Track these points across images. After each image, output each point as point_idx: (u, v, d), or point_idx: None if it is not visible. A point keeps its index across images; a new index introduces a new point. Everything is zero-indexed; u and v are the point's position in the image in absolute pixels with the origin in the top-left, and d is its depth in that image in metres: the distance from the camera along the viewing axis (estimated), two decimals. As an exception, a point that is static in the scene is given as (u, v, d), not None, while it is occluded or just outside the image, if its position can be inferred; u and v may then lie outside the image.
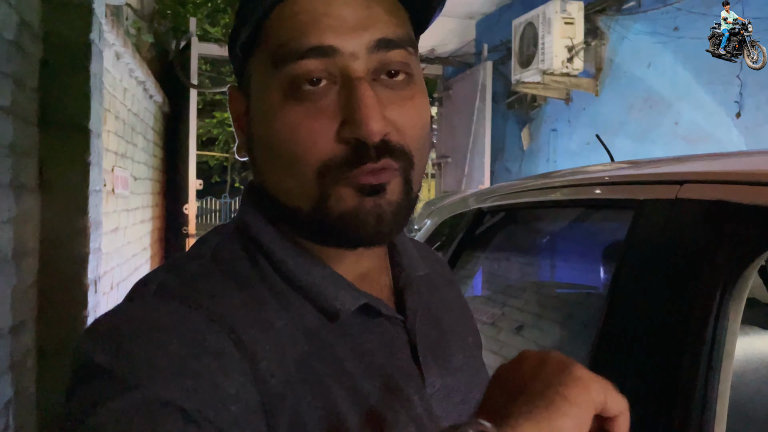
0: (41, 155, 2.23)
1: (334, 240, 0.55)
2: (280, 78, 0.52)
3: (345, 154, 0.51)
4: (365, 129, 0.50)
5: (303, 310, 0.54)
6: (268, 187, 0.57)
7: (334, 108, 0.51)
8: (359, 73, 0.52)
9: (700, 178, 0.92)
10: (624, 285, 0.96)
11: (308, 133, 0.51)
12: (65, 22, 2.26)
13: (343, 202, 0.52)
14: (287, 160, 0.53)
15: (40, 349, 2.27)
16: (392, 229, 0.54)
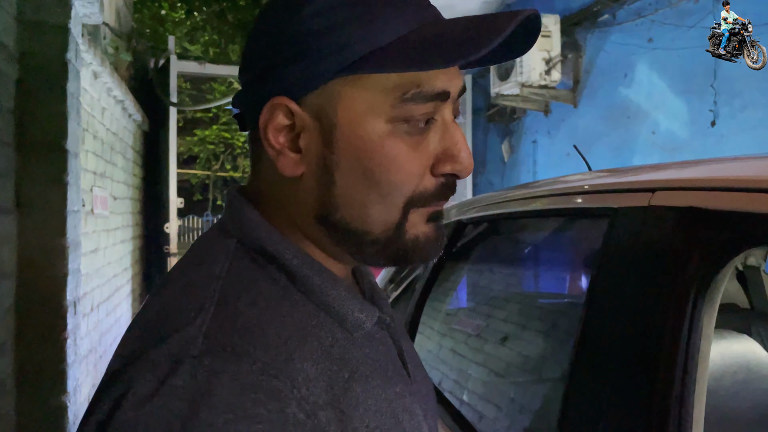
0: (18, 176, 2.21)
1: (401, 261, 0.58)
2: (396, 111, 0.54)
3: (436, 187, 0.57)
4: (468, 167, 0.57)
5: (331, 326, 0.55)
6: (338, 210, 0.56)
7: (431, 145, 0.56)
8: (453, 115, 0.58)
9: (671, 185, 0.94)
10: (600, 292, 0.96)
11: (413, 166, 0.55)
12: (41, 42, 2.25)
13: (415, 228, 0.57)
14: (384, 188, 0.55)
15: (19, 372, 2.23)
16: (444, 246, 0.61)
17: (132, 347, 0.48)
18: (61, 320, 2.28)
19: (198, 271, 0.54)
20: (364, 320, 0.57)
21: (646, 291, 0.87)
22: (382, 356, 0.59)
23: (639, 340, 0.86)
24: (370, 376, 0.55)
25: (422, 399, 0.64)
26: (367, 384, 0.54)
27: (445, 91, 0.55)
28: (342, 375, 0.52)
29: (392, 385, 0.57)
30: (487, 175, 5.70)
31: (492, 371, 1.66)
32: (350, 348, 0.55)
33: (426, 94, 0.54)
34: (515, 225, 1.74)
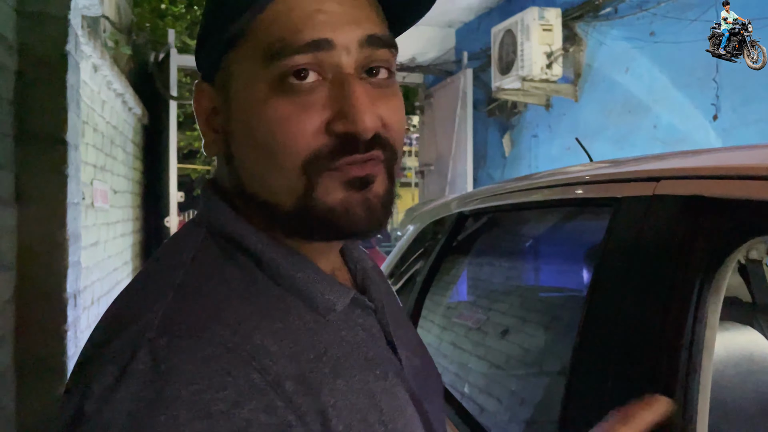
0: (18, 167, 2.21)
1: (321, 233, 0.55)
2: (269, 72, 0.52)
3: (333, 144, 0.52)
4: (361, 125, 0.51)
5: (300, 310, 0.54)
6: (247, 184, 0.56)
7: (323, 102, 0.52)
8: (350, 68, 0.52)
9: (675, 174, 0.93)
10: (603, 283, 0.96)
11: (296, 124, 0.51)
12: (41, 34, 2.24)
13: (331, 195, 0.53)
14: (273, 152, 0.52)
15: (19, 365, 2.23)
16: (381, 221, 0.55)
17: (97, 339, 0.49)
18: (61, 313, 2.28)
19: (164, 261, 0.55)
20: (335, 302, 0.56)
21: (650, 281, 0.86)
22: (362, 339, 0.57)
23: (643, 331, 0.85)
24: (343, 358, 0.54)
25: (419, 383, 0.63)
26: (338, 365, 0.53)
27: (319, 39, 0.51)
28: (307, 355, 0.51)
29: (371, 368, 0.56)
30: (487, 169, 5.69)
31: (493, 364, 1.66)
32: (320, 330, 0.54)
33: (291, 46, 0.51)
34: (517, 216, 1.73)
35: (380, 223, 0.55)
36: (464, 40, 6.04)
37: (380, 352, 0.59)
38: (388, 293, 0.72)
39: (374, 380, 0.55)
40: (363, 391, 0.53)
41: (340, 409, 0.50)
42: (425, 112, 6.56)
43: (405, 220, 2.49)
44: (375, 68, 0.54)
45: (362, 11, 0.54)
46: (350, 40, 0.52)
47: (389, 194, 0.56)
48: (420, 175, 6.70)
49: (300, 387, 0.49)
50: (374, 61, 0.54)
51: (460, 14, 5.74)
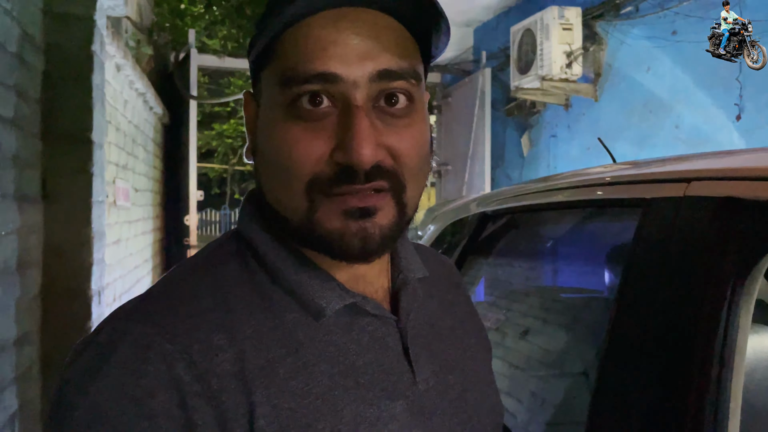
0: (44, 166, 2.24)
1: (322, 251, 0.58)
2: (284, 96, 0.55)
3: (334, 173, 0.54)
4: (356, 157, 0.52)
5: (286, 310, 0.57)
6: (266, 194, 0.60)
7: (331, 130, 0.54)
8: (358, 101, 0.54)
9: (708, 175, 0.92)
10: (633, 285, 0.95)
11: (303, 149, 0.54)
12: (67, 34, 2.27)
13: (329, 222, 0.55)
14: (281, 172, 0.56)
15: (44, 361, 2.26)
16: (379, 250, 0.56)
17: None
18: (86, 309, 2.31)
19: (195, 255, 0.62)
20: (324, 307, 0.57)
21: (681, 283, 0.86)
22: (360, 346, 0.58)
23: (674, 334, 0.85)
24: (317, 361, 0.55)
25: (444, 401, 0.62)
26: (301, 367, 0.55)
27: (326, 72, 0.53)
28: (268, 354, 0.54)
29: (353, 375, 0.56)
30: (504, 169, 5.67)
31: (513, 365, 1.66)
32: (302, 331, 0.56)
33: (301, 76, 0.53)
34: (541, 217, 1.72)
35: (377, 252, 0.56)
36: (483, 40, 6.02)
37: (382, 361, 0.59)
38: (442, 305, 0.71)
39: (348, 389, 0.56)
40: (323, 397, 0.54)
41: (277, 410, 0.52)
42: (443, 112, 6.55)
43: (425, 220, 2.49)
44: (393, 95, 0.55)
45: (381, 43, 0.55)
46: (359, 75, 0.53)
47: (396, 224, 0.57)
48: (437, 175, 6.69)
49: (234, 383, 0.52)
50: (389, 90, 0.55)
51: (479, 13, 5.72)
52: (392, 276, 0.66)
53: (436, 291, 0.71)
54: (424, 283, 0.69)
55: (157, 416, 0.49)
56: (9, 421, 1.96)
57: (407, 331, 0.62)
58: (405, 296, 0.64)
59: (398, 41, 0.56)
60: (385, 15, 0.56)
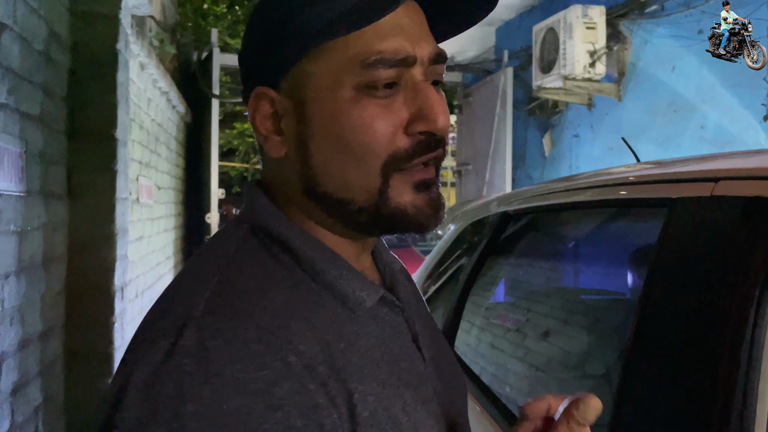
0: (69, 163, 2.27)
1: (389, 229, 0.61)
2: (361, 78, 0.56)
3: (411, 145, 0.57)
4: (439, 123, 0.57)
5: (331, 304, 0.58)
6: (321, 182, 0.59)
7: (401, 107, 0.58)
8: (422, 77, 0.59)
9: (735, 174, 0.91)
10: (658, 285, 0.94)
11: (383, 126, 0.57)
12: (93, 33, 2.30)
13: (402, 196, 0.58)
14: (356, 152, 0.57)
15: (68, 355, 2.30)
16: (442, 217, 0.61)
17: (149, 319, 0.55)
18: (109, 305, 2.34)
19: (209, 254, 0.60)
20: (365, 299, 0.59)
21: (707, 284, 0.84)
22: (388, 335, 0.61)
23: (700, 336, 0.83)
24: (371, 350, 0.57)
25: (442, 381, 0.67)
26: (365, 356, 0.56)
27: (409, 56, 0.57)
28: (338, 346, 0.55)
29: (396, 361, 0.59)
30: (526, 169, 5.63)
31: (536, 366, 1.64)
32: (349, 324, 0.57)
33: (388, 60, 0.56)
34: (562, 217, 1.71)
35: (442, 219, 0.61)
36: (504, 39, 5.99)
37: (406, 348, 0.62)
38: (414, 295, 0.75)
39: (399, 373, 0.59)
40: (387, 382, 0.57)
41: (365, 397, 0.53)
42: (464, 111, 6.53)
43: (446, 219, 2.48)
44: (436, 83, 0.61)
45: (426, 29, 0.61)
46: (424, 54, 0.59)
47: (441, 194, 0.62)
48: (457, 174, 6.66)
49: (331, 372, 0.52)
50: (437, 75, 0.60)
51: (501, 12, 5.69)
52: (378, 268, 0.70)
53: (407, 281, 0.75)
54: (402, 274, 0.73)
55: (286, 404, 0.47)
56: (33, 414, 1.99)
57: (413, 320, 0.66)
58: (399, 287, 0.68)
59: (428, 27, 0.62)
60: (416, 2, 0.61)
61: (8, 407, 1.79)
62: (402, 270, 0.73)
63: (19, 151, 1.81)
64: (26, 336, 1.91)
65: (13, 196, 1.78)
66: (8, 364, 1.79)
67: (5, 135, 1.71)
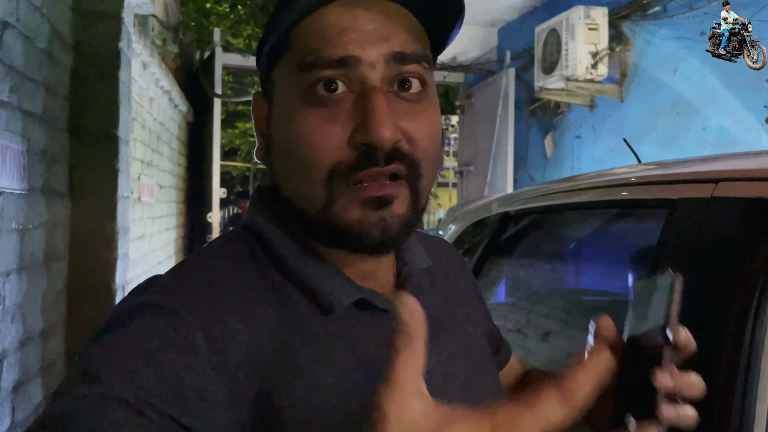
0: (71, 161, 2.27)
1: (340, 244, 0.58)
2: (302, 83, 0.55)
3: (354, 157, 0.54)
4: (377, 135, 0.53)
5: (297, 304, 0.57)
6: (282, 188, 0.60)
7: (348, 114, 0.54)
8: (375, 82, 0.55)
9: (735, 176, 0.91)
10: (658, 285, 0.94)
11: (322, 137, 0.54)
12: (95, 32, 2.31)
13: (348, 212, 0.55)
14: (300, 162, 0.56)
15: (68, 354, 2.30)
16: (398, 240, 0.57)
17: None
18: (110, 304, 2.34)
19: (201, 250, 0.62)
20: (334, 301, 0.57)
21: (708, 284, 0.84)
22: (369, 338, 0.59)
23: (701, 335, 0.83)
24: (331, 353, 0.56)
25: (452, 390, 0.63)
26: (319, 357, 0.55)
27: (347, 56, 0.54)
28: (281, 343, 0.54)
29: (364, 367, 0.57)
30: (528, 170, 5.63)
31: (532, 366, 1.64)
32: (314, 324, 0.57)
33: (322, 61, 0.54)
34: (564, 217, 1.71)
35: (396, 241, 0.57)
36: (507, 39, 5.99)
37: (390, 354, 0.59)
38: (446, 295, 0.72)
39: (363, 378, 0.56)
40: (340, 386, 0.55)
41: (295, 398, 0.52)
42: (465, 112, 6.52)
43: (446, 220, 2.48)
44: (406, 81, 0.56)
45: (393, 28, 0.56)
46: (376, 57, 0.55)
47: (412, 214, 0.57)
48: (459, 175, 6.66)
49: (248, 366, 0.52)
50: (403, 74, 0.56)
51: (503, 13, 5.69)
52: (397, 268, 0.67)
53: (439, 279, 0.72)
54: (428, 273, 0.70)
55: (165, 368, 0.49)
56: (34, 412, 1.99)
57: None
58: (410, 289, 0.65)
59: (409, 27, 0.58)
60: (396, 4, 0.57)
61: (9, 404, 1.79)
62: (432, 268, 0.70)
63: (21, 149, 1.82)
64: (27, 334, 1.92)
65: (14, 194, 1.78)
66: (9, 361, 1.79)
67: (7, 133, 1.72)
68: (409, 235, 0.59)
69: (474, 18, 5.79)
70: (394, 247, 0.59)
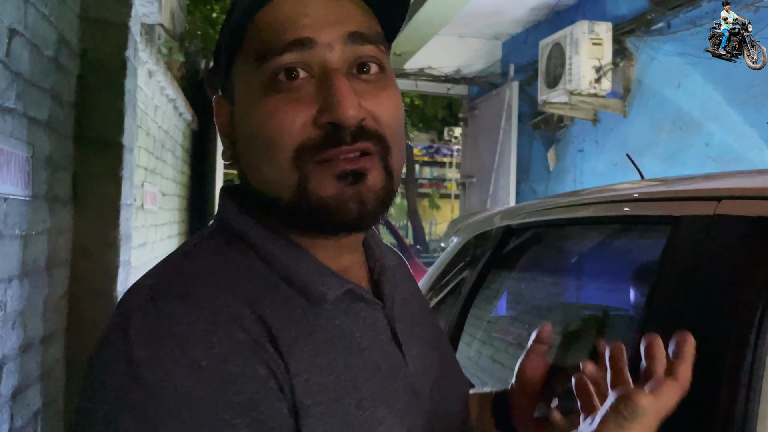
0: (75, 168, 2.28)
1: (317, 226, 0.58)
2: (261, 73, 0.56)
3: (320, 137, 0.55)
4: (341, 114, 0.54)
5: (290, 297, 0.58)
6: (252, 181, 0.61)
7: (311, 97, 0.55)
8: (335, 64, 0.56)
9: (738, 194, 0.91)
10: (660, 303, 0.94)
11: (285, 118, 0.55)
12: (102, 40, 2.32)
13: (323, 189, 0.56)
14: (265, 146, 0.56)
15: (68, 361, 2.30)
16: (375, 215, 0.58)
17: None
18: (110, 311, 2.34)
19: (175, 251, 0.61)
20: (325, 292, 0.58)
21: (710, 302, 0.84)
22: (359, 329, 0.60)
23: (702, 356, 0.83)
24: (329, 342, 0.57)
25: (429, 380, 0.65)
26: (320, 347, 0.56)
27: (301, 38, 0.55)
28: (290, 333, 0.54)
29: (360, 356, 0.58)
30: (530, 183, 5.63)
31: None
32: (310, 315, 0.57)
33: (275, 47, 0.55)
34: (566, 232, 1.71)
35: (373, 217, 0.58)
36: (511, 53, 6.01)
37: (379, 343, 0.61)
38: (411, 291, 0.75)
39: (362, 368, 0.58)
40: (344, 375, 0.56)
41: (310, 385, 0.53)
42: (469, 124, 6.54)
43: (448, 232, 2.48)
44: (365, 64, 0.58)
45: (346, 11, 0.58)
46: (333, 37, 0.56)
47: (387, 188, 0.58)
48: (461, 187, 6.67)
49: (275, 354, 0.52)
50: (361, 57, 0.57)
51: (508, 27, 5.71)
52: (369, 265, 0.69)
53: (403, 278, 0.74)
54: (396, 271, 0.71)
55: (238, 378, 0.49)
56: (32, 419, 1.99)
57: (393, 316, 0.64)
58: (387, 283, 0.67)
59: (362, 10, 0.59)
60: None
61: (8, 411, 1.79)
62: (398, 266, 0.72)
63: (26, 156, 1.82)
64: (28, 340, 1.92)
65: (18, 200, 1.79)
66: (9, 367, 1.79)
67: (13, 140, 1.72)
68: (385, 211, 0.60)
69: (478, 31, 5.82)
70: (369, 224, 0.59)
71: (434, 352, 0.70)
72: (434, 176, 18.58)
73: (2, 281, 1.71)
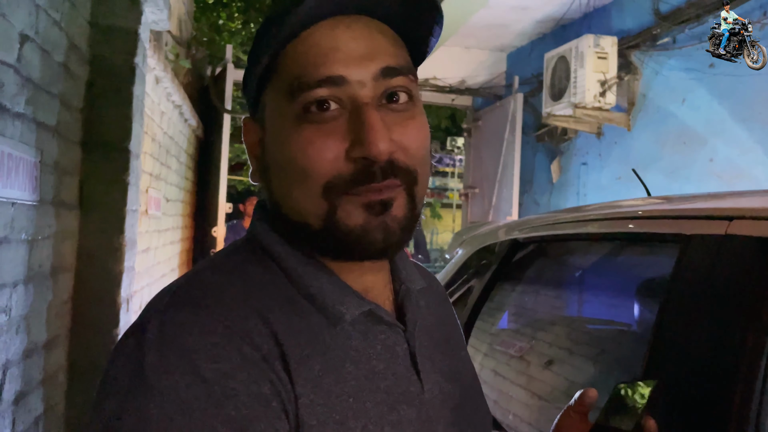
0: (82, 174, 2.29)
1: (343, 254, 0.60)
2: (294, 105, 0.57)
3: (352, 171, 0.56)
4: (374, 149, 0.55)
5: (309, 314, 0.58)
6: (282, 206, 0.62)
7: (343, 131, 0.57)
8: (366, 99, 0.57)
9: (750, 214, 0.91)
10: (671, 321, 0.94)
11: (318, 150, 0.56)
12: (112, 47, 2.33)
13: (351, 218, 0.57)
14: (298, 176, 0.58)
15: (71, 366, 2.29)
16: (400, 243, 0.59)
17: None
18: (113, 316, 2.34)
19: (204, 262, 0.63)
20: (344, 312, 0.59)
21: (721, 321, 0.84)
22: (376, 353, 0.60)
23: (712, 374, 0.83)
24: (341, 363, 0.57)
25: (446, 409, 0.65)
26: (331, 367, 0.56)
27: (333, 76, 0.56)
28: (302, 350, 0.55)
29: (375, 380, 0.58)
30: (533, 194, 5.63)
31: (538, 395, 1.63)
32: (325, 334, 0.58)
33: (309, 82, 0.56)
34: (572, 247, 1.71)
35: (398, 245, 0.59)
36: (516, 65, 6.03)
37: (396, 368, 0.61)
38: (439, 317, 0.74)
39: (373, 391, 0.58)
40: (354, 397, 0.56)
41: (314, 406, 0.54)
42: (472, 135, 6.55)
43: (453, 244, 2.48)
44: (395, 94, 0.59)
45: (377, 44, 0.59)
46: (364, 75, 0.57)
47: (410, 217, 0.60)
48: (464, 197, 6.67)
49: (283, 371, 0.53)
50: (391, 88, 0.59)
51: (513, 39, 5.73)
52: (394, 287, 0.69)
53: (431, 303, 0.74)
54: (423, 295, 0.72)
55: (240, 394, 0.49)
56: (34, 424, 1.98)
57: (414, 341, 0.64)
58: (410, 306, 0.67)
59: (392, 42, 0.60)
60: (375, 20, 0.60)
61: (10, 416, 1.79)
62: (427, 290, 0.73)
63: (34, 161, 1.83)
64: (31, 345, 1.92)
65: (25, 204, 1.79)
66: (12, 372, 1.78)
67: (21, 144, 1.73)
68: (410, 238, 0.61)
69: (484, 43, 5.84)
70: (395, 252, 0.60)
71: (455, 381, 0.69)
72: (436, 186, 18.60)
73: (8, 286, 1.71)
